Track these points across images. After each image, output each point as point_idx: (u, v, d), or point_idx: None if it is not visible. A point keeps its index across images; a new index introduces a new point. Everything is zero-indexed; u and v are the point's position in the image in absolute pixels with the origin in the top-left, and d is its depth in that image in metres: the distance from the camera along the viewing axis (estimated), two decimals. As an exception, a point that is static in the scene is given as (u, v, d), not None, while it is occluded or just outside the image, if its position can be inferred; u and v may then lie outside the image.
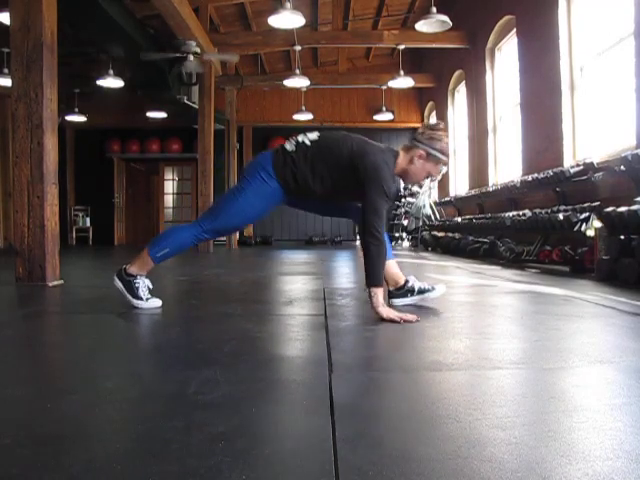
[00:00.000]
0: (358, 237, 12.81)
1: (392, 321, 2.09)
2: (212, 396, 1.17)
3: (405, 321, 2.08)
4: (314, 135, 2.35)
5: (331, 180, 2.27)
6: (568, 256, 4.80)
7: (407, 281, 2.56)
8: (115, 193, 12.86)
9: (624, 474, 0.81)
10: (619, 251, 3.69)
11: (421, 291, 2.56)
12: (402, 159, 2.32)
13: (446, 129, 2.38)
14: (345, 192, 2.35)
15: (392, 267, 2.55)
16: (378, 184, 2.18)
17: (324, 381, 1.30)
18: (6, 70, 7.73)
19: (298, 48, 8.57)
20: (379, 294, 2.14)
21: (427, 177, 2.38)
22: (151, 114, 10.81)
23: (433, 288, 2.57)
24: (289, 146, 2.32)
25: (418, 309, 2.44)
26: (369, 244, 2.16)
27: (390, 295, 2.58)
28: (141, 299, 2.41)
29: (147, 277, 2.47)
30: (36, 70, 3.56)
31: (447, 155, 2.32)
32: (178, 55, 7.64)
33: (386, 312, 2.12)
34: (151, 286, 2.48)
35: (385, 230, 2.28)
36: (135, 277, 2.41)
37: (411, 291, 2.55)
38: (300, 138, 2.34)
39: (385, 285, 2.56)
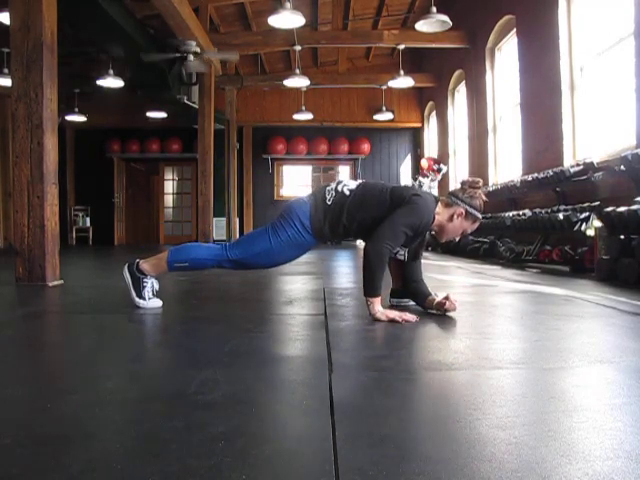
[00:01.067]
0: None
1: (392, 321, 2.09)
2: (212, 396, 1.17)
3: (406, 321, 2.08)
4: (353, 184, 2.32)
5: (373, 219, 2.23)
6: (568, 256, 4.80)
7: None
8: (115, 193, 12.85)
9: (624, 474, 0.81)
10: (619, 251, 3.69)
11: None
12: (442, 214, 2.29)
13: (482, 185, 2.36)
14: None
15: (399, 266, 2.54)
16: (417, 212, 2.16)
17: (324, 381, 1.30)
18: (6, 70, 7.72)
19: (298, 48, 8.57)
20: (375, 303, 2.14)
21: (462, 234, 2.37)
22: (151, 114, 10.80)
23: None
24: (328, 197, 2.28)
25: (417, 308, 2.43)
26: (371, 254, 2.13)
27: (392, 294, 2.58)
28: (143, 298, 2.41)
29: (157, 279, 2.46)
30: (36, 70, 3.56)
31: (482, 212, 2.32)
32: (178, 55, 7.64)
33: (385, 315, 2.12)
34: (157, 288, 2.47)
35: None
36: (146, 276, 2.40)
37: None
38: (339, 187, 2.31)
39: (392, 283, 2.57)
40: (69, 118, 11.26)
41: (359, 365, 1.52)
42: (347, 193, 2.27)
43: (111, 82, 8.62)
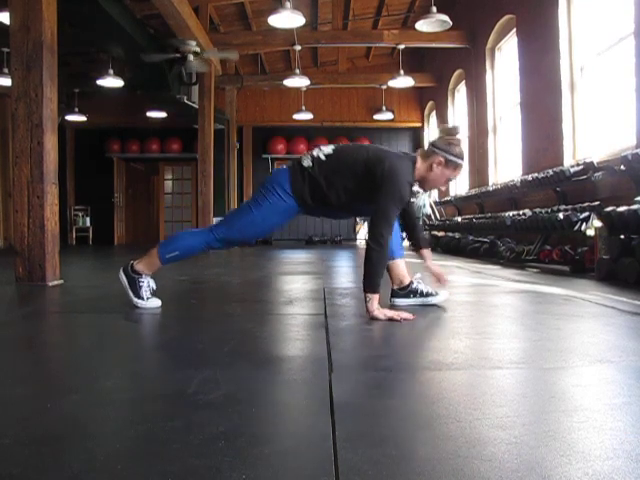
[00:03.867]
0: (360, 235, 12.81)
1: (391, 320, 2.09)
2: (212, 396, 1.17)
3: (404, 319, 2.09)
4: (329, 149, 2.35)
5: (348, 190, 2.26)
6: (568, 256, 4.80)
7: (412, 282, 2.56)
8: (115, 193, 12.85)
9: (624, 474, 0.81)
10: (619, 251, 3.69)
11: (424, 294, 2.56)
12: (420, 166, 2.30)
13: (460, 132, 2.38)
14: (361, 200, 2.32)
15: (399, 266, 2.55)
16: (394, 189, 2.17)
17: (324, 381, 1.30)
18: (6, 70, 7.72)
19: (298, 48, 8.57)
20: (374, 299, 2.15)
21: (446, 182, 2.38)
22: (151, 114, 10.80)
23: (436, 293, 2.57)
24: (305, 162, 2.31)
25: (418, 308, 2.43)
26: (372, 250, 2.14)
27: (393, 294, 2.58)
28: (142, 299, 2.41)
29: (152, 278, 2.47)
30: (36, 70, 3.56)
31: (463, 158, 2.33)
32: (178, 55, 7.63)
33: (382, 314, 2.12)
34: (155, 287, 2.47)
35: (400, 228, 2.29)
36: (141, 275, 2.41)
37: (414, 292, 2.56)
38: (315, 153, 2.34)
39: (390, 283, 2.58)
40: (69, 118, 11.26)
41: (359, 365, 1.52)
42: (323, 158, 2.30)
43: (111, 82, 8.62)
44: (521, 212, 5.99)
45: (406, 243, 2.70)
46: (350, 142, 12.52)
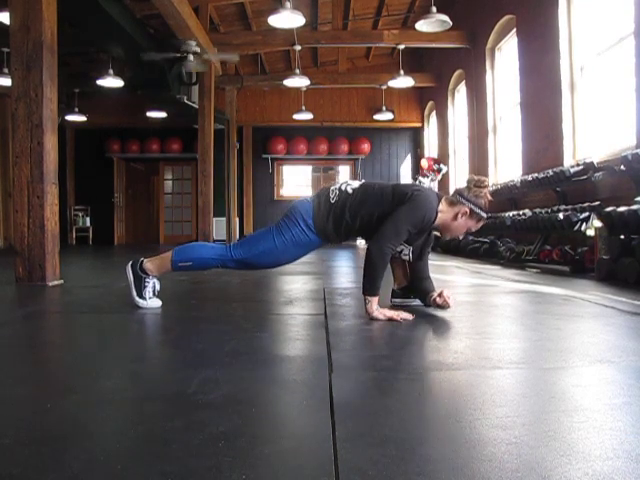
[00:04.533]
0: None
1: (390, 320, 2.09)
2: (212, 396, 1.17)
3: (403, 319, 2.09)
4: (356, 183, 2.35)
5: (373, 217, 2.24)
6: (568, 256, 4.80)
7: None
8: (115, 193, 12.85)
9: (624, 474, 0.81)
10: (619, 251, 3.69)
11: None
12: (446, 212, 2.29)
13: (488, 184, 2.36)
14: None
15: (401, 266, 2.55)
16: (419, 209, 2.16)
17: (324, 381, 1.30)
18: (6, 70, 7.72)
19: (298, 48, 8.56)
20: (373, 302, 2.15)
21: (466, 233, 2.38)
22: (151, 114, 10.80)
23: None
24: (332, 194, 2.30)
25: (418, 308, 2.43)
26: (374, 253, 2.14)
27: (393, 294, 2.58)
28: (144, 298, 2.41)
29: (159, 279, 2.46)
30: (36, 70, 3.56)
31: (487, 212, 2.32)
32: (178, 55, 7.63)
33: (382, 315, 2.13)
34: (159, 289, 2.47)
35: None
36: (148, 275, 2.40)
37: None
38: (343, 187, 2.32)
39: (392, 283, 2.57)
40: (69, 118, 11.25)
41: (359, 365, 1.52)
42: (350, 192, 2.29)
43: (111, 82, 8.62)
44: (521, 212, 5.99)
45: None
46: (350, 142, 12.57)
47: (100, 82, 8.64)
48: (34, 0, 3.56)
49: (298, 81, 8.92)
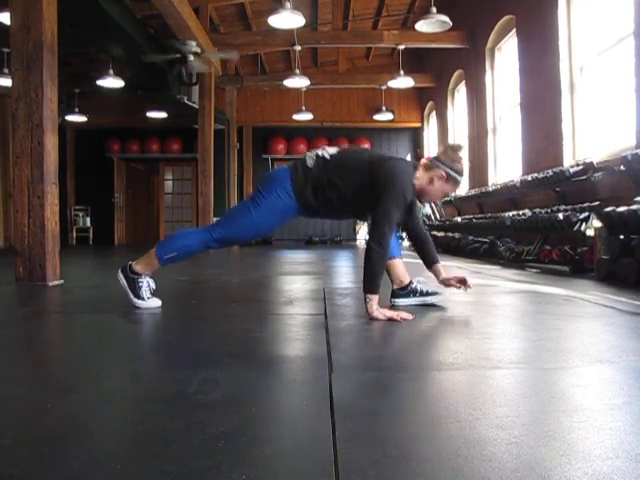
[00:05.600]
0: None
1: (390, 319, 2.09)
2: (212, 396, 1.18)
3: (403, 319, 2.09)
4: (333, 149, 2.37)
5: (350, 189, 2.26)
6: (568, 256, 4.80)
7: (411, 282, 2.57)
8: (115, 193, 12.85)
9: (624, 473, 0.81)
10: (619, 251, 3.69)
11: (424, 293, 2.56)
12: (422, 177, 2.33)
13: (463, 149, 2.42)
14: (363, 201, 2.32)
15: (399, 266, 2.56)
16: (397, 189, 2.18)
17: (324, 381, 1.30)
18: (6, 70, 7.72)
19: (298, 48, 8.57)
20: (374, 300, 2.16)
21: (443, 197, 2.42)
22: (151, 114, 10.80)
23: (436, 292, 2.58)
24: (309, 161, 2.32)
25: (418, 308, 2.44)
26: (372, 250, 2.15)
27: (393, 294, 2.59)
28: (142, 299, 2.41)
29: (152, 277, 2.47)
30: (36, 70, 3.56)
31: (463, 176, 2.35)
32: (178, 55, 7.63)
33: (382, 314, 2.13)
34: (154, 287, 2.47)
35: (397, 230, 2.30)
36: (140, 276, 2.41)
37: (414, 292, 2.56)
38: (320, 152, 2.35)
39: (390, 284, 2.58)
40: (69, 118, 11.26)
41: (359, 365, 1.52)
42: (327, 157, 2.32)
43: (111, 82, 8.62)
44: (521, 212, 5.99)
45: (406, 243, 2.70)
46: (350, 142, 12.57)
47: (100, 82, 8.65)
48: (34, 0, 3.56)
49: (298, 81, 8.92)
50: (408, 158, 2.51)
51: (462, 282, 2.54)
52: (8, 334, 2.00)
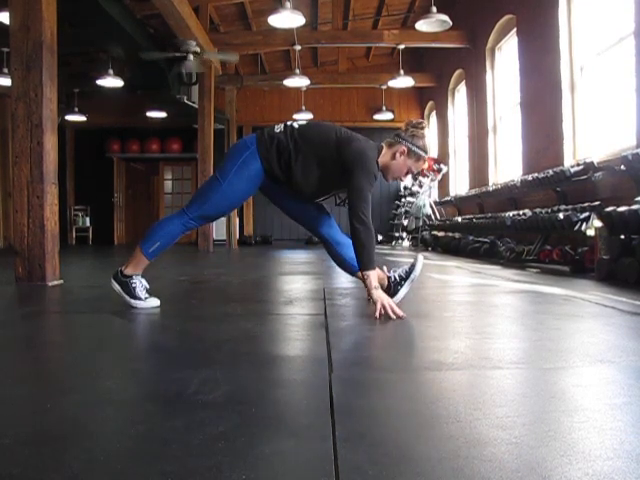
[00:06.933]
0: None
1: (384, 309, 2.10)
2: (212, 396, 1.17)
3: (397, 316, 2.09)
4: (303, 121, 2.43)
5: (315, 164, 2.30)
6: (568, 256, 4.80)
7: (389, 277, 2.53)
8: (115, 193, 12.85)
9: (624, 474, 0.81)
10: (619, 251, 3.69)
11: (405, 277, 2.52)
12: (385, 154, 2.38)
13: (427, 126, 2.45)
14: (328, 177, 2.35)
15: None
16: (365, 168, 2.23)
17: (324, 381, 1.30)
18: (6, 70, 7.72)
19: (298, 48, 8.57)
20: (372, 277, 2.17)
21: (407, 173, 2.44)
22: (151, 114, 10.80)
23: (413, 266, 2.53)
24: (277, 127, 2.37)
25: (418, 308, 2.43)
26: (357, 230, 2.18)
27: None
28: (139, 299, 2.41)
29: (143, 277, 2.47)
30: (36, 70, 3.56)
31: (427, 152, 2.39)
32: (178, 55, 7.64)
33: (381, 297, 2.14)
34: (148, 286, 2.47)
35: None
36: (131, 277, 2.42)
37: (399, 282, 2.52)
38: (289, 122, 2.41)
39: (383, 275, 2.55)
40: (69, 118, 11.26)
41: (359, 365, 1.52)
42: (296, 126, 2.36)
43: (111, 82, 8.62)
44: (521, 212, 5.99)
45: (406, 244, 2.66)
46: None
47: (100, 82, 8.65)
48: (34, 0, 3.56)
49: (298, 81, 8.92)
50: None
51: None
52: (8, 334, 2.00)
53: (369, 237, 2.19)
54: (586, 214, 4.57)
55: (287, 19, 6.33)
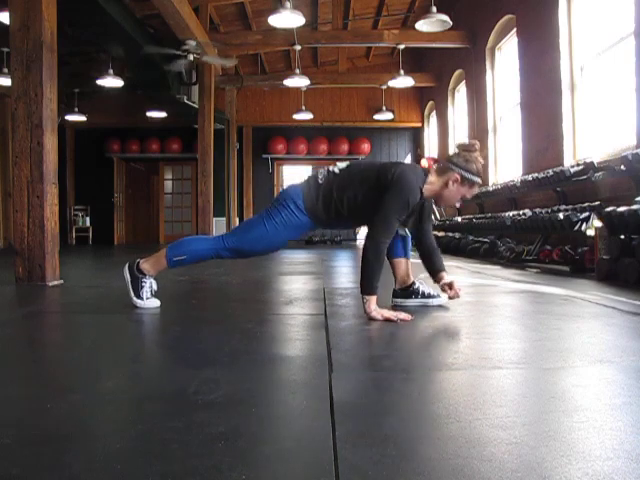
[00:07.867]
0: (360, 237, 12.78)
1: (388, 320, 2.09)
2: (212, 396, 1.17)
3: (401, 320, 2.09)
4: (344, 164, 2.36)
5: (359, 197, 2.24)
6: (568, 256, 4.80)
7: (414, 283, 2.56)
8: (115, 193, 12.85)
9: (624, 474, 0.81)
10: (619, 251, 3.69)
11: (426, 295, 2.55)
12: (435, 181, 2.28)
13: (480, 148, 2.34)
14: (372, 208, 2.27)
15: (403, 266, 2.55)
16: (401, 193, 2.14)
17: (324, 381, 1.30)
18: (6, 70, 7.72)
19: (298, 48, 8.57)
20: (371, 301, 2.15)
21: (461, 200, 2.36)
22: (151, 114, 10.80)
23: (438, 295, 2.56)
24: (320, 177, 2.32)
25: (418, 308, 2.43)
26: (369, 252, 2.15)
27: (394, 294, 2.58)
28: (141, 299, 2.41)
29: (155, 279, 2.46)
30: (36, 70, 3.56)
31: (481, 175, 2.30)
32: (179, 53, 7.64)
33: (380, 315, 2.13)
34: (156, 288, 2.47)
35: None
36: (145, 276, 2.40)
37: (416, 293, 2.55)
38: (330, 168, 2.35)
39: (393, 283, 2.58)
40: (69, 118, 11.26)
41: (359, 365, 1.52)
42: (337, 172, 2.32)
43: (111, 82, 8.62)
44: (521, 212, 5.99)
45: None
46: (350, 142, 12.57)
47: (100, 82, 8.65)
48: (34, 0, 3.56)
49: (298, 81, 8.92)
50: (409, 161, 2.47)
51: (450, 287, 2.50)
52: (8, 334, 2.00)
53: (377, 263, 2.15)
54: (586, 214, 4.57)
55: (287, 19, 6.33)
